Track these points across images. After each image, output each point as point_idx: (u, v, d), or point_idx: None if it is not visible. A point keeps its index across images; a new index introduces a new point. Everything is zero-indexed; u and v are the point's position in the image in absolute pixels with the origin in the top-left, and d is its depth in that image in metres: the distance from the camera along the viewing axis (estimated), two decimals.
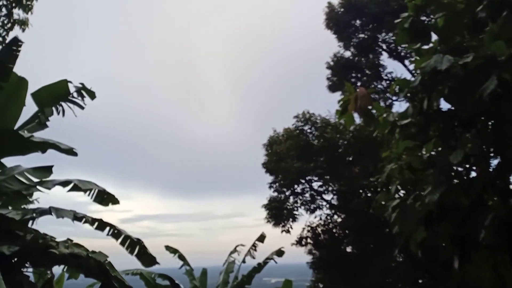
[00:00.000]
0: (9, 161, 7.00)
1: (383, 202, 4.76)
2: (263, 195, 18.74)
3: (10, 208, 7.08)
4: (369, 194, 16.25)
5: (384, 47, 18.75)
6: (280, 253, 13.53)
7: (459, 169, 4.53)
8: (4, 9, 6.82)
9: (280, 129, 18.92)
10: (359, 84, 18.58)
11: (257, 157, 18.92)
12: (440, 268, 13.15)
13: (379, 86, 18.62)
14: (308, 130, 18.17)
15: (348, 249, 18.75)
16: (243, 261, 13.73)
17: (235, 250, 14.04)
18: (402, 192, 4.79)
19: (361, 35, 18.76)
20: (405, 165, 4.33)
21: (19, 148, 5.60)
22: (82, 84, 8.02)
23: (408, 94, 4.48)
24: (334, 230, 18.53)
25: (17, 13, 6.96)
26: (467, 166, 4.54)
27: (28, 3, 6.88)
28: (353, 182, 16.39)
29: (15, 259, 6.35)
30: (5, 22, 6.92)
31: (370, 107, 4.25)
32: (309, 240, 18.34)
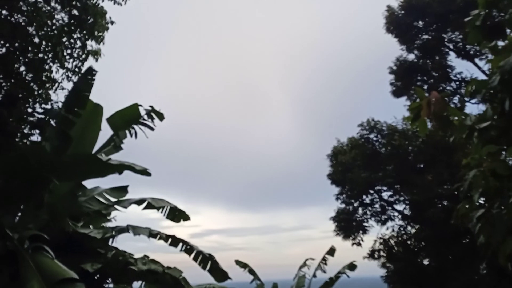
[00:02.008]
0: (88, 183, 7.48)
1: (465, 212, 4.42)
2: (330, 207, 18.35)
3: (91, 227, 7.55)
4: (445, 203, 15.31)
5: (451, 46, 17.79)
6: (352, 267, 13.14)
7: None
8: (78, 42, 7.34)
9: (344, 138, 18.52)
10: (425, 87, 17.76)
11: (322, 168, 18.61)
12: None
13: (447, 88, 17.67)
14: (374, 138, 17.58)
15: (425, 262, 17.70)
16: (314, 275, 13.50)
17: (304, 264, 13.85)
18: (483, 200, 4.43)
19: (425, 36, 17.97)
20: (489, 172, 4.00)
21: (98, 171, 5.97)
22: (151, 106, 8.43)
23: (487, 95, 4.16)
24: (408, 242, 17.63)
25: (90, 44, 7.46)
26: None
27: (100, 34, 7.36)
28: (427, 190, 15.53)
29: (98, 276, 6.71)
30: (80, 53, 7.44)
31: (444, 112, 3.99)
32: (382, 253, 17.59)
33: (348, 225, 17.63)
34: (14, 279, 4.88)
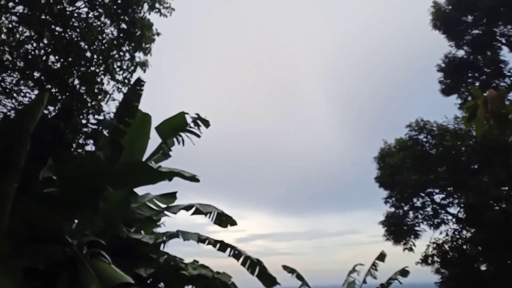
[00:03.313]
0: (139, 190, 7.72)
1: None
2: (378, 210, 17.85)
3: (142, 232, 7.78)
4: (504, 205, 14.48)
5: (503, 41, 16.87)
6: (404, 273, 12.72)
7: None
8: (127, 54, 7.62)
9: (391, 140, 17.99)
10: (477, 84, 16.94)
11: (369, 171, 18.17)
12: None
13: (501, 84, 16.76)
14: (424, 139, 16.94)
15: (483, 268, 16.79)
16: (364, 281, 13.18)
17: (354, 270, 13.56)
18: None
19: (475, 31, 17.17)
20: None
21: (150, 178, 6.15)
22: (197, 114, 8.61)
23: None
24: (464, 247, 16.80)
25: (138, 56, 7.72)
26: None
27: (147, 46, 7.60)
28: (483, 192, 14.75)
29: (150, 280, 6.90)
30: (129, 65, 7.71)
31: (503, 110, 3.77)
32: (435, 258, 16.86)
33: (398, 229, 17.08)
34: (74, 284, 5.11)
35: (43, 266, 4.95)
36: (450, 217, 16.98)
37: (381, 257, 13.46)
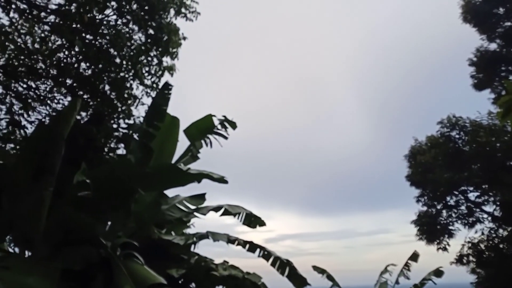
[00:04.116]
0: (169, 191, 7.85)
1: None
2: (410, 209, 17.50)
3: (173, 233, 7.90)
4: None
5: None
6: (438, 273, 12.39)
7: None
8: (155, 59, 7.76)
9: (422, 137, 17.59)
10: (511, 78, 16.35)
11: (399, 169, 17.83)
12: None
13: None
14: (456, 136, 16.49)
15: None
16: (397, 282, 12.92)
17: (386, 270, 13.31)
18: None
19: (507, 24, 16.59)
20: None
21: (179, 180, 6.24)
22: (224, 116, 8.69)
23: None
24: (500, 246, 16.24)
25: (166, 60, 7.85)
26: None
27: (174, 50, 7.72)
28: None
29: (182, 281, 7.00)
30: (157, 70, 7.85)
31: None
32: (471, 258, 16.38)
33: (431, 228, 16.69)
34: (108, 285, 5.24)
35: (79, 267, 5.10)
36: (485, 216, 16.47)
37: (414, 257, 13.16)
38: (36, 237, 5.29)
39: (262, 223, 8.34)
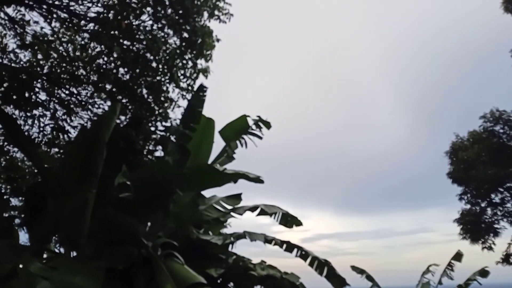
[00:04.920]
0: (206, 192, 7.95)
1: None
2: (452, 208, 16.93)
3: (210, 233, 8.00)
4: None
5: None
6: (484, 273, 11.92)
7: None
8: (190, 62, 7.88)
9: (463, 133, 16.97)
10: None
11: (439, 167, 17.29)
12: None
13: None
14: (501, 131, 15.79)
15: None
16: (440, 283, 12.52)
17: (428, 271, 12.93)
18: None
19: None
20: None
21: (216, 180, 6.32)
22: (258, 116, 8.71)
23: None
24: None
25: (200, 63, 7.96)
26: None
27: (208, 53, 7.81)
28: None
29: (220, 280, 7.07)
30: (192, 72, 7.97)
31: None
32: None
33: (475, 227, 16.07)
34: (150, 284, 5.38)
35: (121, 266, 5.26)
36: None
37: (458, 256, 12.70)
38: (81, 237, 5.50)
39: (298, 223, 8.30)
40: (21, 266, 4.78)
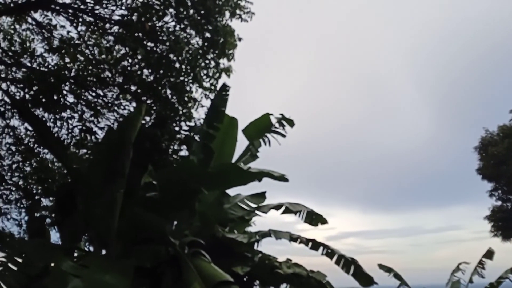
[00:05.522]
0: (230, 190, 7.97)
1: None
2: (482, 204, 16.49)
3: (235, 232, 8.04)
4: None
5: None
6: None
7: None
8: (212, 62, 7.92)
9: (493, 127, 16.47)
10: None
11: (468, 162, 16.85)
12: None
13: None
14: None
15: None
16: (470, 281, 12.19)
17: (458, 269, 12.61)
18: None
19: None
20: None
21: (241, 179, 6.34)
22: (281, 114, 8.69)
23: None
24: None
25: (222, 62, 7.99)
26: None
27: (230, 52, 7.83)
28: None
29: (246, 278, 7.09)
30: (214, 72, 8.01)
31: None
32: None
33: (508, 224, 15.62)
34: (177, 282, 5.45)
35: (149, 264, 5.34)
36: None
37: (489, 254, 12.33)
38: (110, 236, 5.61)
39: (324, 221, 8.24)
40: (53, 264, 4.92)
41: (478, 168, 16.35)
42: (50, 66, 8.11)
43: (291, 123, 8.71)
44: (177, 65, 7.63)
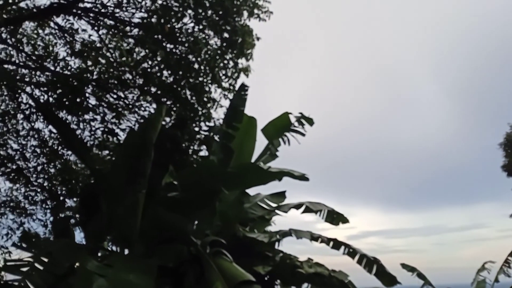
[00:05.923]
0: (250, 190, 7.98)
1: None
2: (508, 202, 16.13)
3: (255, 231, 8.04)
4: None
5: None
6: None
7: None
8: (231, 62, 7.94)
9: None
10: None
11: (493, 159, 16.46)
12: None
13: None
14: None
15: None
16: (496, 280, 11.93)
17: (483, 268, 12.34)
18: None
19: None
20: None
21: (261, 179, 6.35)
22: (301, 113, 8.65)
23: None
24: None
25: (241, 62, 8.00)
26: None
27: (248, 52, 7.83)
28: None
29: (267, 278, 7.10)
30: (233, 72, 8.03)
31: None
32: None
33: None
34: (199, 281, 5.49)
35: (172, 264, 5.40)
36: None
37: None
38: (133, 236, 5.69)
39: (345, 220, 8.18)
40: (78, 264, 5.02)
41: (504, 165, 15.96)
42: (72, 70, 8.27)
43: (310, 121, 8.67)
44: (196, 66, 7.68)
